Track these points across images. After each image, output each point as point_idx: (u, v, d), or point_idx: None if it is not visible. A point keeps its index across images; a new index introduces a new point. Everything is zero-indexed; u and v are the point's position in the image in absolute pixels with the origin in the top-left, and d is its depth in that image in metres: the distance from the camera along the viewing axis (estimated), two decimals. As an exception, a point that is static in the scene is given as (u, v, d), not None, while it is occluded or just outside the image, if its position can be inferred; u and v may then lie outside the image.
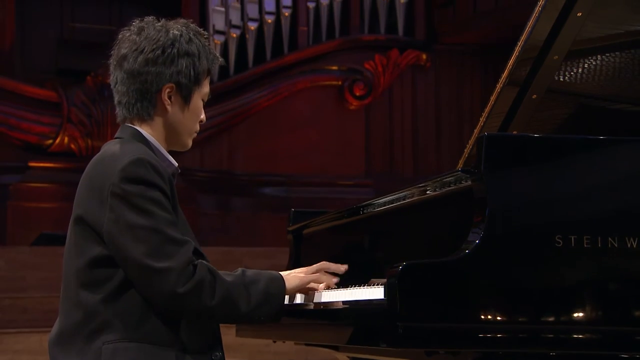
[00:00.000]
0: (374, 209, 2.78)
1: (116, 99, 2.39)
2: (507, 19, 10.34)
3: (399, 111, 11.38)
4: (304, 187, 10.71)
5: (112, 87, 2.40)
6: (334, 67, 11.20)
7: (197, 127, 2.44)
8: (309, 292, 2.48)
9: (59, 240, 7.98)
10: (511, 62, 2.87)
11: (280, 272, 2.42)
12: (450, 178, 2.32)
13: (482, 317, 2.06)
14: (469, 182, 2.21)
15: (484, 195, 2.12)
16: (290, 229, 3.31)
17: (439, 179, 2.38)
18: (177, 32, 2.35)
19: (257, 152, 10.86)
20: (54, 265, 6.37)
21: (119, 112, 2.40)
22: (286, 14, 11.16)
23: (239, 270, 2.33)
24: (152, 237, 2.17)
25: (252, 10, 11.07)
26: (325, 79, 11.18)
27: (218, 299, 2.21)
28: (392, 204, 2.66)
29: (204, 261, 2.25)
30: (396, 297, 2.01)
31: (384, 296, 2.06)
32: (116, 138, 2.38)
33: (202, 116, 2.44)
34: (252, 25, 11.01)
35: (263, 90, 10.91)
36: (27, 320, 7.60)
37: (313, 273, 2.48)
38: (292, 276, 2.43)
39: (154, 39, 2.33)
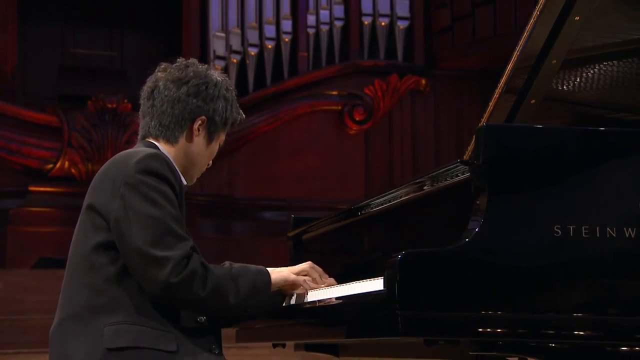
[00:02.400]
0: (372, 209, 2.78)
1: (148, 114, 2.48)
2: (506, 45, 10.32)
3: (398, 136, 11.39)
4: (304, 212, 10.66)
5: (143, 99, 2.50)
6: (334, 92, 11.21)
7: (205, 168, 2.59)
8: (296, 287, 2.52)
9: (58, 264, 7.98)
10: (509, 67, 2.89)
11: (268, 268, 2.49)
12: (449, 170, 2.33)
13: (482, 306, 2.05)
14: (468, 174, 2.22)
15: (483, 185, 2.12)
16: (289, 234, 3.32)
17: (437, 172, 2.39)
18: (219, 79, 2.53)
19: (257, 177, 10.86)
20: (53, 288, 6.31)
21: (144, 126, 2.50)
22: (286, 39, 11.21)
23: (227, 263, 2.43)
24: (155, 226, 2.24)
25: (253, 36, 11.12)
26: (325, 103, 11.19)
27: (208, 291, 2.28)
28: (391, 202, 2.67)
29: (197, 254, 2.30)
30: (395, 286, 2.00)
31: (383, 286, 2.06)
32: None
33: (211, 161, 2.58)
34: (253, 51, 11.06)
35: (263, 115, 10.92)
36: (26, 342, 7.56)
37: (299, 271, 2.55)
38: (279, 271, 2.50)
39: (200, 75, 2.49)
